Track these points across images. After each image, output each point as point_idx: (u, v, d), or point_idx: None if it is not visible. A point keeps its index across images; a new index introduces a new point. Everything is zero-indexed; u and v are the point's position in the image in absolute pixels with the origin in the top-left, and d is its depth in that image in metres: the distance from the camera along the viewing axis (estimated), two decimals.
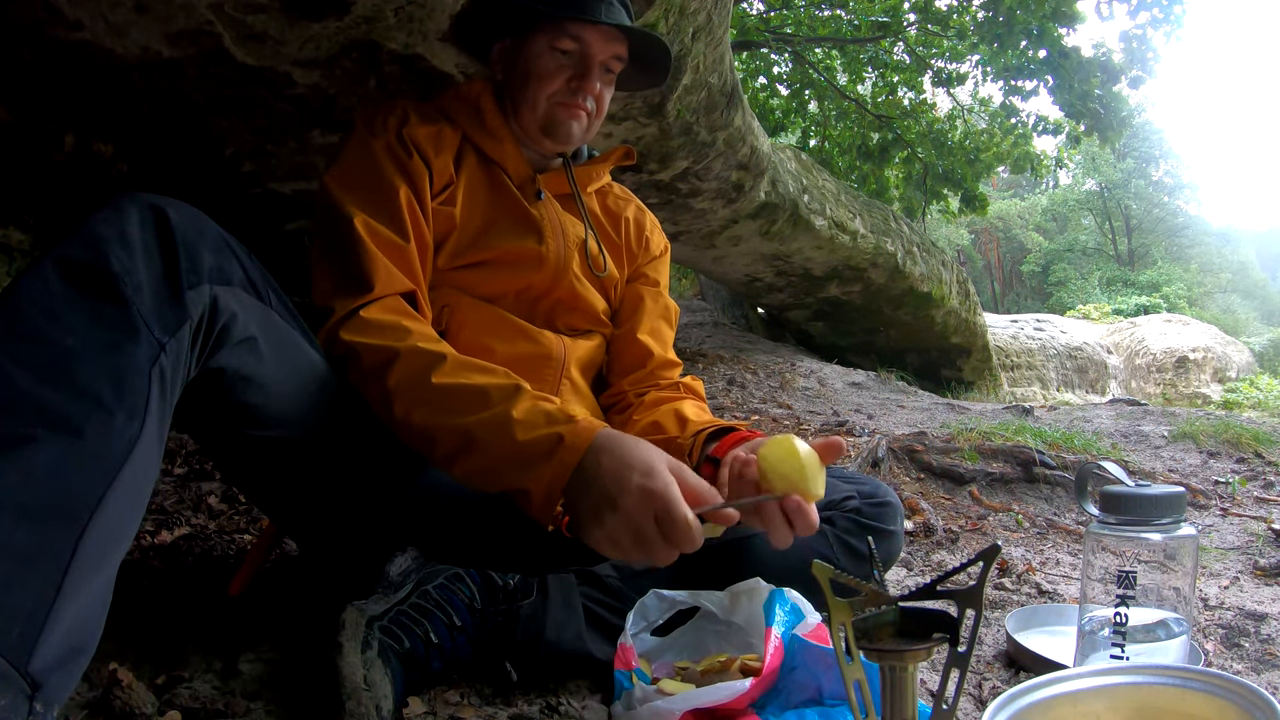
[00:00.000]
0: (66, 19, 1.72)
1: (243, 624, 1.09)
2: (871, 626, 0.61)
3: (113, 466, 0.66)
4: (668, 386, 1.31)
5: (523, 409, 0.90)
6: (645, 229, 1.39)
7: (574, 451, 0.86)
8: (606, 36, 1.19)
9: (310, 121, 2.21)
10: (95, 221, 0.75)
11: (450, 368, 0.96)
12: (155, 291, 0.74)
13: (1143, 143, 31.19)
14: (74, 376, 0.66)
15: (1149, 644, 0.97)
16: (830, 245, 5.18)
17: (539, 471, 0.87)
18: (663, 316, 1.38)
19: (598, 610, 1.05)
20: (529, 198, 1.23)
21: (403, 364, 0.97)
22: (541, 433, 0.88)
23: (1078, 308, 17.22)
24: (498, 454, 0.89)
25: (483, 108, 1.23)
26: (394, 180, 1.10)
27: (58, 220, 2.14)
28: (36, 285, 0.70)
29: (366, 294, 1.03)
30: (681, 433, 1.15)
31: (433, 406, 0.94)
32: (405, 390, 0.95)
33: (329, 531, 1.13)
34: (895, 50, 8.88)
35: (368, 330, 1.00)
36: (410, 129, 1.15)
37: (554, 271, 1.23)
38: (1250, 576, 1.66)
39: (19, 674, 0.57)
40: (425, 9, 1.86)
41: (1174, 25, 7.74)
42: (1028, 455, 2.42)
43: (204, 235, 0.82)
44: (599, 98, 1.24)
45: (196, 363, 0.80)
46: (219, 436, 0.98)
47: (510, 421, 0.89)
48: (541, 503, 0.87)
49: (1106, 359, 10.20)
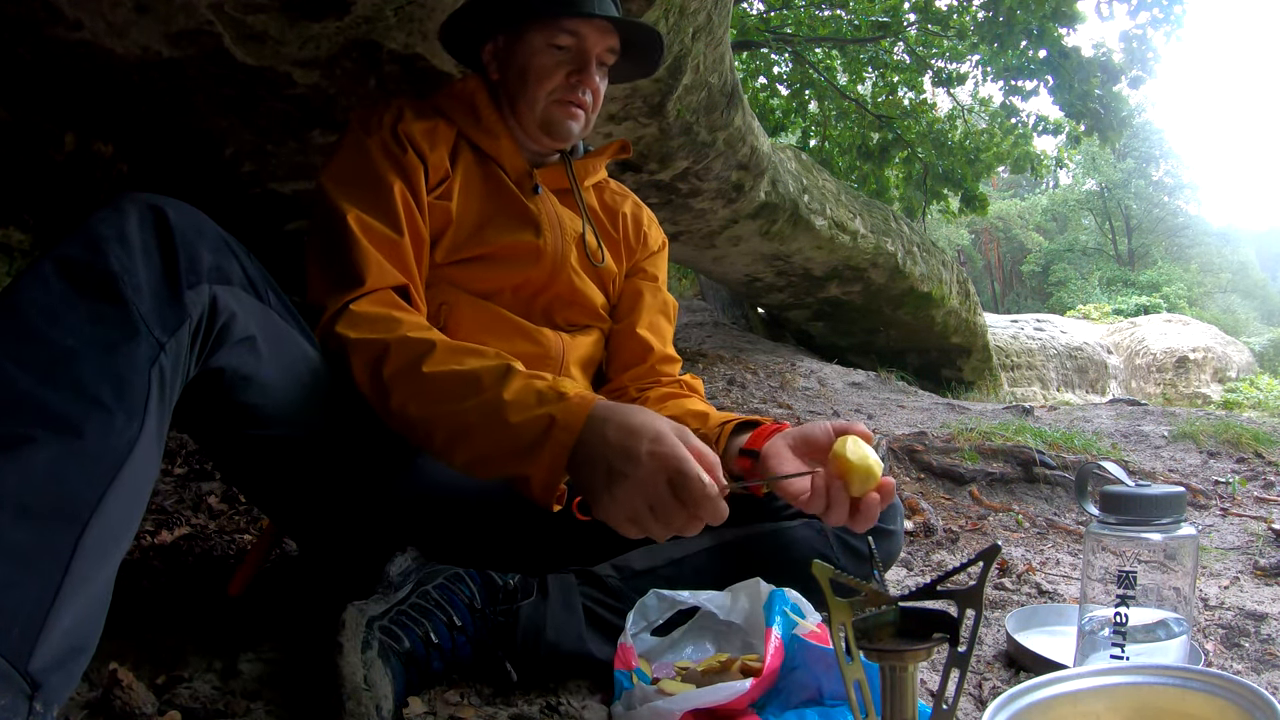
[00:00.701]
0: (66, 19, 1.72)
1: (243, 624, 1.09)
2: (871, 626, 0.61)
3: (113, 466, 0.66)
4: (670, 383, 1.31)
5: (513, 390, 0.89)
6: (643, 224, 1.40)
7: (569, 431, 0.84)
8: (601, 29, 1.20)
9: (310, 121, 2.21)
10: (95, 221, 0.75)
11: (441, 355, 0.95)
12: (155, 291, 0.74)
13: (1143, 143, 31.18)
14: (74, 377, 0.66)
15: (1149, 644, 0.97)
16: (830, 245, 5.18)
17: (536, 456, 0.85)
18: (661, 311, 1.37)
19: (598, 610, 1.05)
20: (526, 193, 1.23)
21: (394, 355, 0.96)
22: (534, 414, 0.86)
23: (1078, 308, 17.21)
24: (493, 440, 0.88)
25: (478, 105, 1.23)
26: (388, 176, 1.10)
27: (58, 220, 2.13)
28: (36, 285, 0.70)
29: (357, 288, 1.03)
30: (703, 426, 1.14)
31: (426, 396, 0.93)
32: (399, 382, 0.95)
33: (329, 531, 1.13)
34: (895, 50, 8.88)
35: (359, 324, 0.99)
36: (405, 125, 1.15)
37: (551, 265, 1.23)
38: (1250, 576, 1.66)
39: (19, 674, 0.57)
40: (425, 9, 1.86)
41: (1174, 25, 7.75)
42: (1028, 455, 2.42)
43: (203, 235, 0.82)
44: (596, 91, 1.24)
45: (196, 362, 0.80)
46: (218, 436, 0.99)
47: (502, 405, 0.88)
48: (542, 487, 0.86)
49: (1106, 359, 10.20)
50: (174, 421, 0.78)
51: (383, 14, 1.85)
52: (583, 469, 0.84)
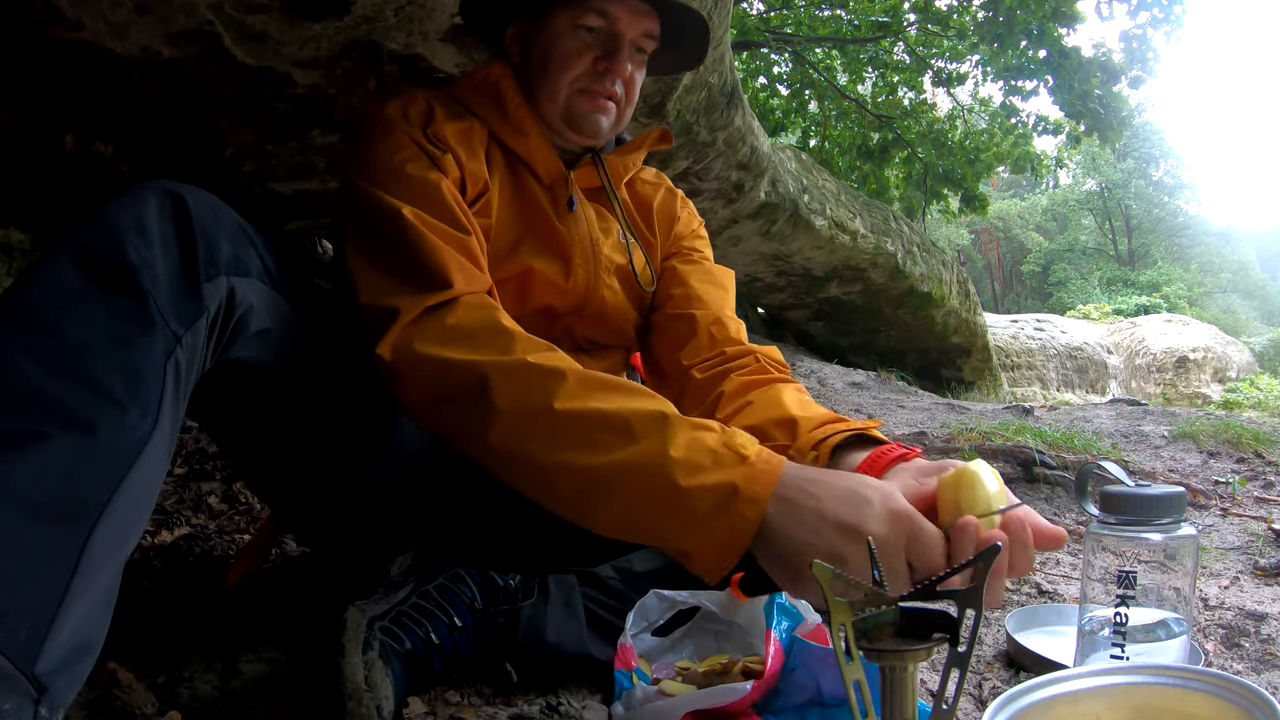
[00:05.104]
0: (66, 19, 1.71)
1: (243, 624, 1.09)
2: (871, 626, 0.61)
3: (124, 465, 0.64)
4: (743, 365, 1.09)
5: (680, 444, 0.73)
6: (673, 210, 1.25)
7: (754, 504, 0.69)
8: (636, 11, 1.05)
9: (310, 121, 2.20)
10: (113, 210, 0.73)
11: (575, 386, 0.78)
12: (172, 283, 0.72)
13: (1143, 143, 31.21)
14: (87, 371, 0.65)
15: (1149, 644, 0.97)
16: (830, 245, 5.18)
17: (708, 531, 0.70)
18: (709, 280, 1.19)
19: (599, 611, 1.05)
20: (560, 209, 1.09)
21: (510, 382, 0.79)
22: (709, 479, 0.71)
23: (1078, 308, 17.23)
24: (649, 504, 0.73)
25: (504, 96, 1.07)
26: (431, 173, 0.96)
27: (58, 220, 2.14)
28: (51, 275, 0.68)
29: (441, 291, 0.86)
30: (793, 441, 0.92)
31: (556, 439, 0.76)
32: (515, 416, 0.78)
33: (332, 526, 1.12)
34: (895, 50, 8.89)
35: (455, 339, 0.83)
36: (437, 126, 1.01)
37: (577, 298, 1.11)
38: (1250, 576, 1.66)
39: (24, 677, 0.56)
40: (425, 9, 1.86)
41: (1174, 25, 7.77)
42: (1028, 455, 2.42)
43: (222, 224, 0.80)
44: (629, 81, 1.09)
45: (211, 356, 0.78)
46: (228, 428, 0.97)
47: (667, 463, 0.72)
48: (709, 569, 0.72)
49: (1106, 359, 10.20)
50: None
51: (383, 14, 1.85)
52: (772, 544, 0.70)
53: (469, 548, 1.09)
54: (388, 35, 1.92)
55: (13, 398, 0.62)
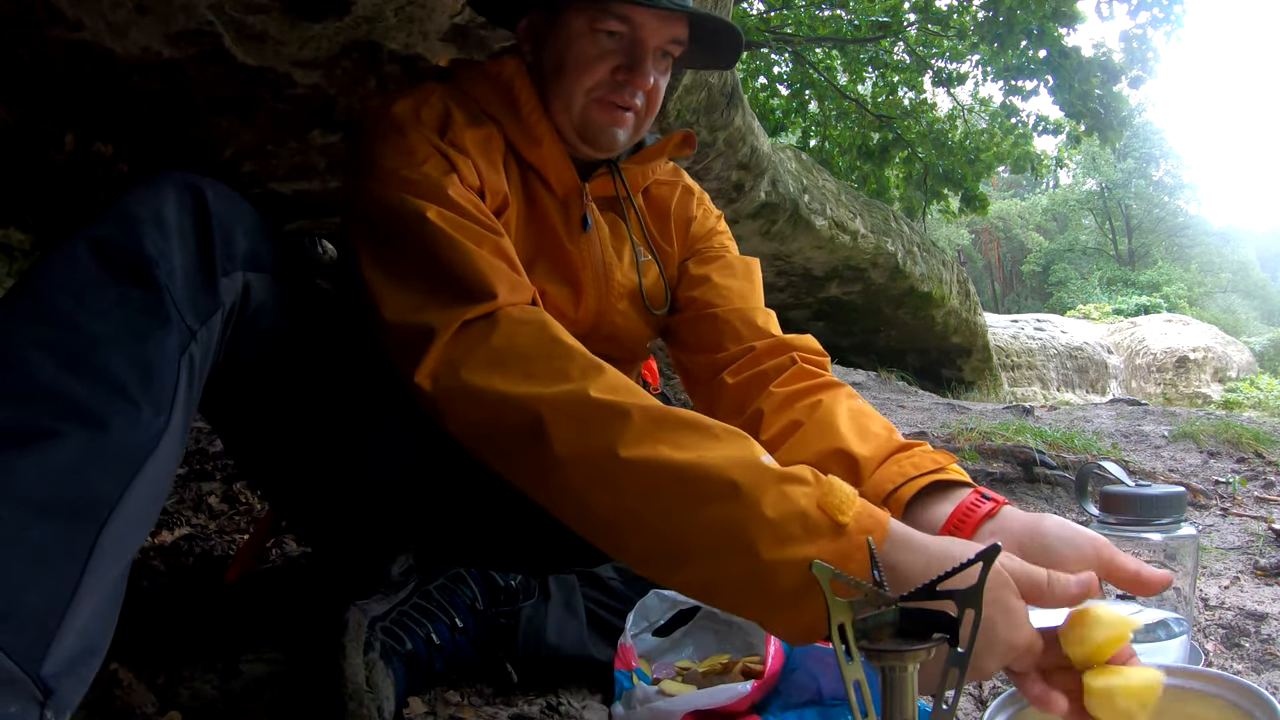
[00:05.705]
0: (66, 19, 1.71)
1: (243, 624, 1.09)
2: (871, 627, 0.61)
3: (136, 462, 0.63)
4: (770, 353, 1.00)
5: (769, 503, 0.63)
6: (689, 211, 1.16)
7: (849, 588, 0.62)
8: (662, 17, 0.95)
9: (310, 122, 2.20)
10: (130, 200, 0.71)
11: (642, 429, 0.68)
12: (189, 278, 0.71)
13: (1143, 143, 31.22)
14: (100, 365, 0.64)
15: (1149, 644, 0.97)
16: (830, 245, 5.18)
17: (793, 613, 0.63)
18: (728, 274, 1.11)
19: (600, 612, 1.05)
20: (572, 228, 1.02)
21: (568, 423, 0.70)
22: (796, 554, 0.62)
23: (1078, 308, 17.21)
24: (726, 576, 0.65)
25: (518, 97, 0.99)
26: (450, 176, 0.88)
27: (58, 220, 2.14)
28: (66, 264, 0.67)
29: (485, 301, 0.77)
30: (857, 485, 0.81)
31: (622, 493, 0.68)
32: (574, 464, 0.69)
33: (334, 525, 1.11)
34: (895, 50, 8.89)
35: (503, 363, 0.74)
36: (455, 133, 0.92)
37: (586, 326, 1.06)
38: (1250, 576, 1.66)
39: (30, 680, 0.55)
40: (425, 9, 1.86)
41: (1174, 25, 7.77)
42: (1028, 455, 2.42)
43: (239, 218, 0.79)
44: (651, 91, 0.99)
45: (223, 351, 0.77)
46: (231, 423, 0.97)
47: (749, 529, 0.63)
48: (792, 639, 0.67)
49: (1107, 359, 10.20)
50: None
51: (383, 14, 1.85)
52: None
53: (470, 548, 1.09)
54: (388, 35, 1.92)
55: (26, 393, 0.61)
